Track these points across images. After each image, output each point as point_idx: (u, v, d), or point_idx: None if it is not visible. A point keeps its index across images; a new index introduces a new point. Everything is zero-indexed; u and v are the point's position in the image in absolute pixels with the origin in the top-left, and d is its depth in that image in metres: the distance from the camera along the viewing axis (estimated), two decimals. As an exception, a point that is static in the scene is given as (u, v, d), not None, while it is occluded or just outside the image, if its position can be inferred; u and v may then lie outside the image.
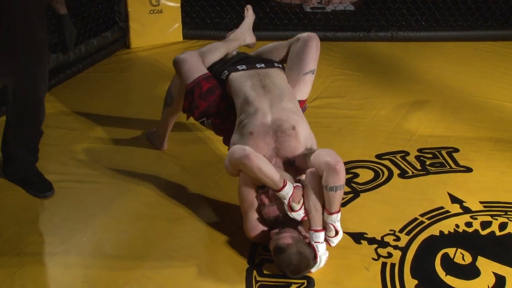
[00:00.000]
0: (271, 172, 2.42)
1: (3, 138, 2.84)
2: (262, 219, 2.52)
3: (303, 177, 2.55)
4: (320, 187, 2.42)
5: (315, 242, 2.42)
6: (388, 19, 4.89)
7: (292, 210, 2.43)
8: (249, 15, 3.19)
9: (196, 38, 4.73)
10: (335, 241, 2.50)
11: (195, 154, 3.25)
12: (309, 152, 2.55)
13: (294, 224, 2.48)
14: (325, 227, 2.46)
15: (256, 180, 2.46)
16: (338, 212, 2.44)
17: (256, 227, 2.52)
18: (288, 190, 2.42)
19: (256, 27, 3.23)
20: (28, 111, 2.69)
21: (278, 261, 2.38)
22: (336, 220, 2.44)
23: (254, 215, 2.52)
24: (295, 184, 2.45)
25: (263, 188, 2.49)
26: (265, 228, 2.52)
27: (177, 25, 4.69)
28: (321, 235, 2.44)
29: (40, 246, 2.57)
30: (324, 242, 2.45)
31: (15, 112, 2.69)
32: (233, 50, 3.06)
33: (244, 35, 3.14)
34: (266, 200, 2.48)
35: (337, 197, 2.40)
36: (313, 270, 2.42)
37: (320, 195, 2.43)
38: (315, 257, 2.39)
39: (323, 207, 2.44)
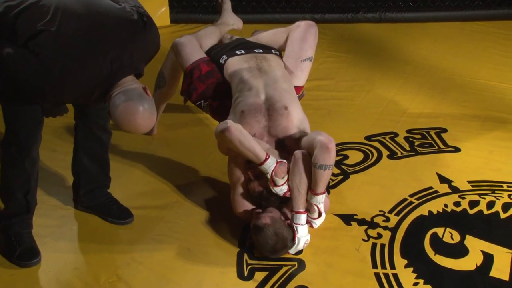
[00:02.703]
0: (252, 145, 2.43)
1: (73, 157, 2.64)
2: (248, 195, 2.55)
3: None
4: (307, 169, 2.43)
5: (295, 224, 2.43)
6: (376, 0, 4.87)
7: (275, 184, 2.45)
8: (226, 0, 3.21)
9: (183, 21, 4.69)
10: (317, 222, 2.51)
11: (185, 138, 3.25)
12: (300, 135, 2.57)
13: (277, 202, 2.49)
14: (308, 209, 2.48)
15: (240, 154, 2.47)
16: (323, 193, 2.46)
17: (241, 203, 2.54)
18: (270, 164, 2.43)
19: (243, 10, 3.24)
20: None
21: (256, 240, 2.40)
22: (320, 201, 2.46)
23: (240, 190, 2.55)
24: (279, 160, 2.47)
25: (250, 163, 2.51)
26: (250, 205, 2.54)
27: (164, 9, 4.65)
28: (302, 217, 2.45)
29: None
30: (306, 225, 2.46)
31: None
32: (224, 33, 3.11)
33: (231, 18, 3.17)
34: (251, 175, 2.51)
35: (325, 176, 2.42)
36: (291, 251, 2.43)
37: (306, 177, 2.44)
38: (293, 238, 2.41)
39: (308, 189, 2.46)
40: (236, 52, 2.83)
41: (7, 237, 2.44)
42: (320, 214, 2.48)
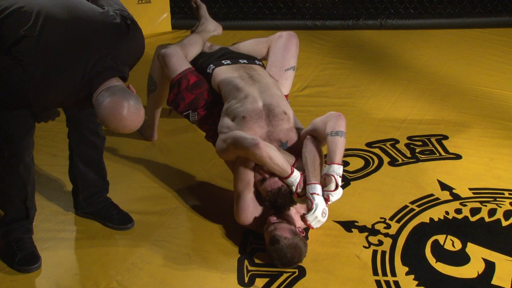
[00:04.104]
0: (281, 160, 2.43)
1: (69, 163, 2.64)
2: (256, 201, 2.54)
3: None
4: (319, 149, 2.49)
5: (311, 194, 2.38)
6: (376, 7, 4.89)
7: (299, 196, 2.44)
8: (199, 5, 3.19)
9: (185, 28, 4.70)
10: (334, 196, 2.42)
11: (185, 143, 3.25)
12: (299, 133, 2.62)
13: (292, 202, 2.48)
14: (324, 183, 2.42)
15: (265, 167, 2.46)
16: (340, 164, 2.42)
17: (247, 208, 2.52)
18: (296, 177, 2.44)
19: (245, 17, 3.23)
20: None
21: (272, 251, 2.39)
22: (338, 171, 2.40)
23: (249, 195, 2.53)
24: (301, 172, 2.47)
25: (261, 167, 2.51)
26: (256, 210, 2.53)
27: (166, 15, 4.67)
28: (318, 187, 2.40)
29: (31, 239, 2.57)
30: (321, 195, 2.40)
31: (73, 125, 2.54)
32: (205, 41, 3.10)
33: (210, 25, 3.15)
34: (266, 174, 2.49)
35: (341, 144, 2.42)
36: (311, 219, 2.37)
37: (318, 154, 2.47)
38: (306, 248, 2.40)
39: (321, 165, 2.46)
40: (223, 62, 2.86)
41: (7, 243, 2.43)
42: (337, 187, 2.41)
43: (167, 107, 2.96)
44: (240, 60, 2.88)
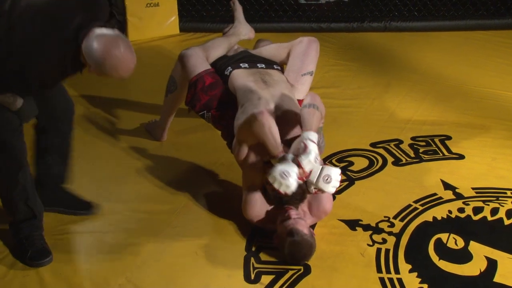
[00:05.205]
0: (278, 135, 2.47)
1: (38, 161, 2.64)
2: (263, 197, 2.57)
3: None
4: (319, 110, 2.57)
5: (306, 139, 2.43)
6: (381, 10, 4.94)
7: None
8: (237, 7, 3.26)
9: (192, 30, 4.76)
10: (305, 159, 2.40)
11: (194, 144, 3.29)
12: None
13: (299, 198, 2.51)
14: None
15: (260, 140, 2.49)
16: (315, 132, 2.48)
17: (255, 204, 2.56)
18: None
19: (251, 19, 3.28)
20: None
21: (288, 243, 2.40)
22: (311, 137, 2.44)
23: (256, 190, 2.57)
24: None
25: (268, 163, 2.54)
26: (264, 207, 2.57)
27: (174, 18, 4.72)
28: (314, 134, 2.46)
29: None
30: (316, 143, 2.44)
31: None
32: (234, 44, 3.16)
33: (242, 29, 3.22)
34: None
35: (317, 116, 2.52)
36: (304, 162, 2.38)
37: (317, 114, 2.54)
38: (314, 250, 2.45)
39: (317, 121, 2.54)
40: (241, 65, 2.90)
41: (18, 240, 2.49)
42: (307, 149, 2.41)
43: (185, 107, 3.01)
44: (258, 64, 2.91)
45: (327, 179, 2.43)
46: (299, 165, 2.40)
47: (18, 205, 2.44)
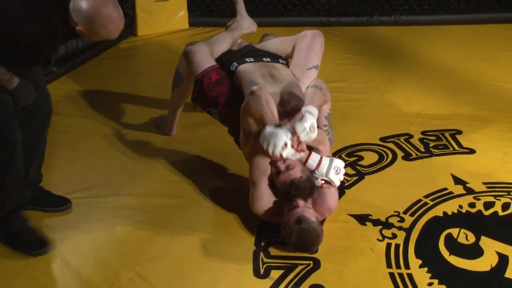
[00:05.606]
0: (275, 108, 2.52)
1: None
2: (271, 190, 2.57)
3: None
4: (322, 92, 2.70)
5: (307, 112, 2.48)
6: (391, 4, 4.90)
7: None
8: (238, 1, 3.25)
9: (202, 25, 4.75)
10: (300, 127, 2.45)
11: (203, 138, 3.29)
12: None
13: (307, 192, 2.51)
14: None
15: (259, 118, 2.52)
16: (315, 107, 2.55)
17: (263, 197, 2.56)
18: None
19: (260, 14, 3.27)
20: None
21: (295, 230, 2.39)
22: (311, 110, 2.51)
23: (264, 184, 2.57)
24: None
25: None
26: (272, 200, 2.56)
27: (183, 13, 4.72)
28: (314, 109, 2.52)
29: (51, 230, 2.62)
30: (314, 116, 2.49)
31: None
32: (237, 38, 3.15)
33: (245, 23, 3.21)
34: (282, 167, 2.52)
35: (318, 95, 2.65)
36: (299, 128, 2.43)
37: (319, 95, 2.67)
38: (321, 240, 2.45)
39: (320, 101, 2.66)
40: (246, 59, 2.89)
41: (9, 238, 2.49)
42: (304, 119, 2.47)
43: (191, 103, 3.01)
44: (263, 58, 2.90)
45: (337, 170, 2.50)
46: (294, 132, 2.44)
47: (12, 190, 2.42)
